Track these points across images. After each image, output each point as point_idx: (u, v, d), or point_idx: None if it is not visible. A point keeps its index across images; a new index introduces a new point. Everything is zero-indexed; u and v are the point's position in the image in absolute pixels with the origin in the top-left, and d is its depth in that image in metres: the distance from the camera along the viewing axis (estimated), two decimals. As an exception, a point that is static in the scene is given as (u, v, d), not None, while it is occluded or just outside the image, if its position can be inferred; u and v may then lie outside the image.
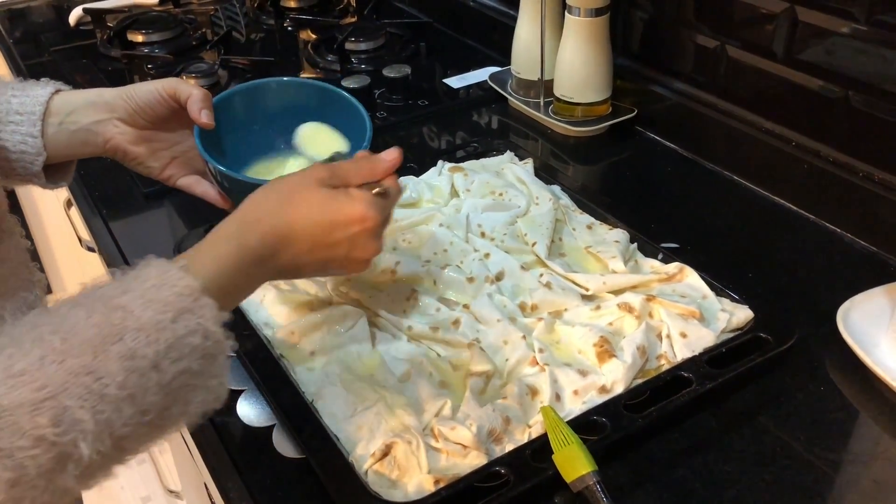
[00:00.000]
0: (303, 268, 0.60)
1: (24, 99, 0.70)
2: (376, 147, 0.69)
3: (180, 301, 0.50)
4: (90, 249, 1.25)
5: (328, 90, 0.78)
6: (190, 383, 0.50)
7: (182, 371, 0.49)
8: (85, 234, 1.17)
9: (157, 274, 0.51)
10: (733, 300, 0.78)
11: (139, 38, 1.47)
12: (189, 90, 0.72)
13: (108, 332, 0.47)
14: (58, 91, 0.72)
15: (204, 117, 0.71)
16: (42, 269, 0.70)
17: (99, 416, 0.45)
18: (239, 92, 0.78)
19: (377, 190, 0.61)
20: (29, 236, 0.71)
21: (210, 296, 0.51)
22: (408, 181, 0.97)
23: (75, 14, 1.58)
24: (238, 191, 0.71)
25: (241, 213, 0.58)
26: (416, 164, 1.02)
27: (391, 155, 0.63)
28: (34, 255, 0.70)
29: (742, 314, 0.75)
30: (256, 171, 0.77)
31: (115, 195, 1.05)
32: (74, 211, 1.16)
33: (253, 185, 0.69)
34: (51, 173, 0.74)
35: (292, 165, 0.78)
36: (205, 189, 0.76)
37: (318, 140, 0.78)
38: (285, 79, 0.81)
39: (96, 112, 0.72)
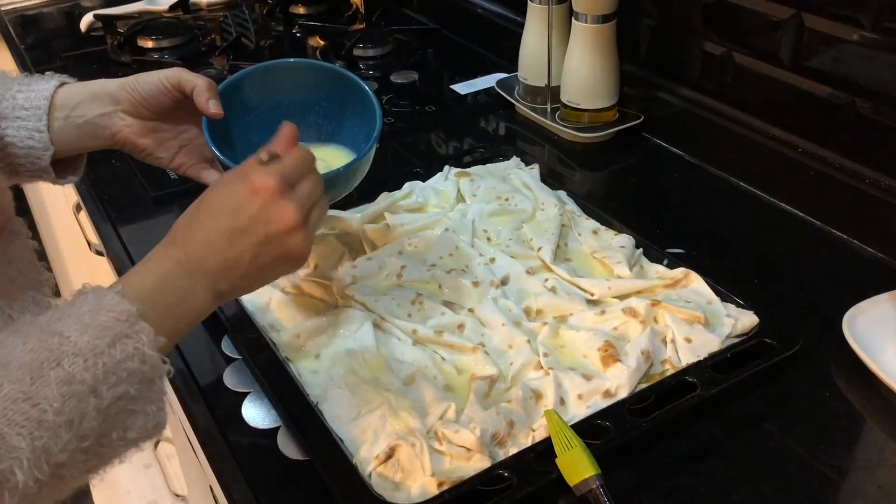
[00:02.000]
0: (235, 265, 0.57)
1: (30, 94, 0.71)
2: (387, 151, 0.70)
3: (117, 326, 0.49)
4: (99, 253, 1.26)
5: (339, 73, 0.77)
6: (128, 408, 0.50)
7: (120, 396, 0.49)
8: (94, 238, 1.17)
9: (92, 300, 0.50)
10: (738, 306, 0.78)
11: (149, 44, 1.48)
12: (194, 80, 0.72)
13: (46, 358, 0.47)
14: (62, 84, 0.73)
15: (212, 107, 0.71)
16: (50, 270, 0.71)
17: (36, 443, 0.44)
18: (246, 76, 0.76)
19: (261, 156, 0.59)
20: (38, 239, 0.72)
21: (146, 320, 0.51)
22: (414, 186, 0.97)
23: (86, 20, 1.60)
24: None
25: (168, 235, 0.58)
26: (422, 169, 1.02)
27: (285, 129, 0.62)
28: (42, 257, 0.70)
29: (747, 320, 0.75)
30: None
31: (124, 199, 1.05)
32: (83, 215, 1.17)
33: None
34: (60, 168, 0.74)
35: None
36: (213, 178, 0.76)
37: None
38: (293, 60, 0.79)
39: (101, 105, 0.72)
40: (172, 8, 1.65)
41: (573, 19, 1.09)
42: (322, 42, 1.50)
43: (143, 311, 0.51)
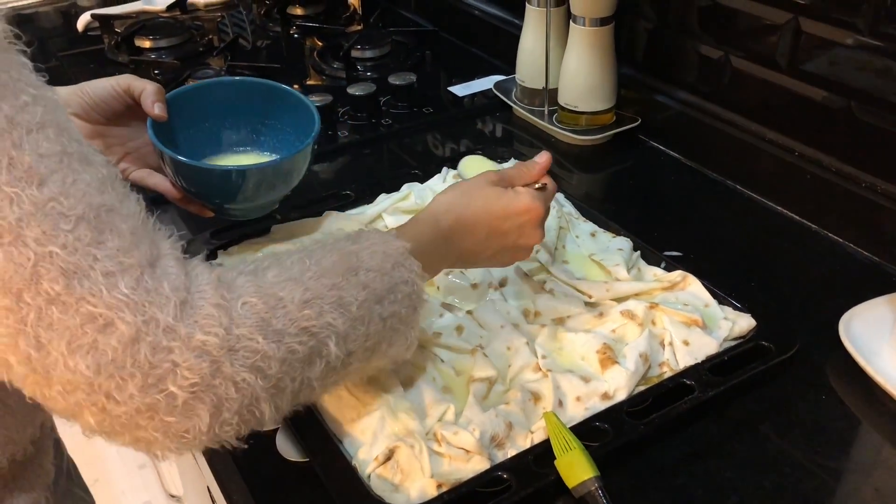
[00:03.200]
0: (479, 253, 0.69)
1: None
2: (385, 153, 0.72)
3: (396, 255, 0.60)
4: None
5: (276, 87, 0.84)
6: (397, 326, 0.59)
7: (395, 313, 0.59)
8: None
9: (376, 235, 0.61)
10: (735, 308, 0.78)
11: (146, 44, 1.48)
12: (143, 85, 0.76)
13: (348, 266, 0.56)
14: (54, 97, 0.73)
15: (157, 109, 0.75)
16: None
17: (344, 325, 0.54)
18: (191, 89, 0.82)
19: (538, 185, 0.72)
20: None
21: (416, 258, 0.61)
22: (412, 188, 0.98)
23: (83, 19, 1.60)
24: (189, 178, 0.77)
25: (434, 206, 0.68)
26: (420, 170, 1.02)
27: (543, 158, 0.73)
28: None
29: (744, 322, 0.76)
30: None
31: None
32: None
33: (203, 171, 0.76)
34: None
35: (244, 161, 0.83)
36: (157, 181, 0.79)
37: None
38: (235, 78, 0.88)
39: None
40: (170, 8, 1.65)
41: (571, 22, 1.09)
42: (319, 43, 1.50)
43: (414, 253, 0.61)
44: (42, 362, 0.43)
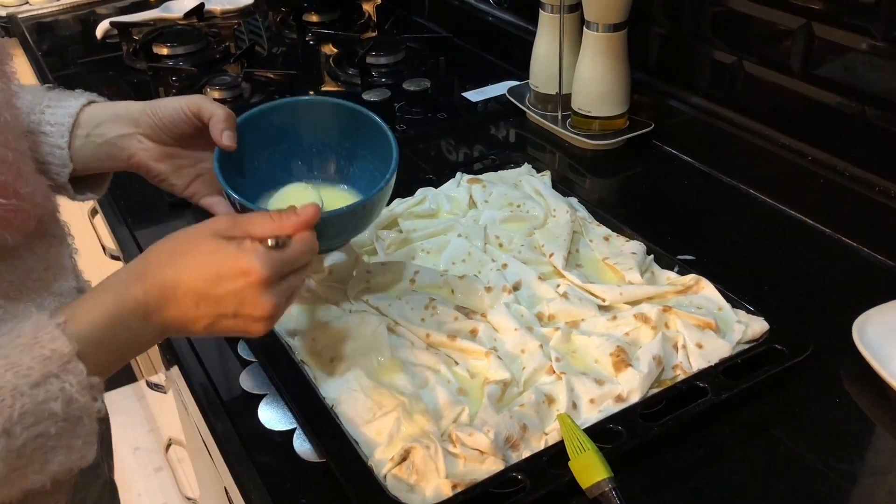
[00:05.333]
0: (191, 323, 0.56)
1: (57, 110, 0.71)
2: (399, 158, 0.70)
3: (46, 365, 0.49)
4: (114, 258, 1.28)
5: (358, 112, 0.75)
6: (47, 445, 0.50)
7: (37, 435, 0.49)
8: (109, 243, 1.19)
9: (30, 332, 0.50)
10: (749, 312, 0.78)
11: (164, 51, 1.50)
12: (213, 109, 0.70)
13: None
14: (90, 103, 0.73)
15: (225, 139, 0.69)
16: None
17: None
18: (267, 111, 0.74)
19: (271, 242, 0.57)
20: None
21: (83, 357, 0.50)
22: (427, 192, 0.99)
23: (102, 27, 1.62)
24: None
25: (132, 264, 0.57)
26: (434, 175, 1.03)
27: (305, 210, 0.59)
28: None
29: (758, 326, 0.76)
30: (284, 195, 0.74)
31: (140, 204, 1.07)
32: (99, 219, 1.18)
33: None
34: (81, 186, 0.74)
35: (315, 195, 0.75)
36: (222, 211, 0.74)
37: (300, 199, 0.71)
38: (315, 98, 0.80)
39: (122, 126, 0.72)
40: (187, 15, 1.67)
41: (584, 28, 1.10)
42: (335, 50, 1.52)
43: (82, 349, 0.50)
44: None
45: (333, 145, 0.77)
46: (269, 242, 0.57)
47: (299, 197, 0.73)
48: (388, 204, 0.96)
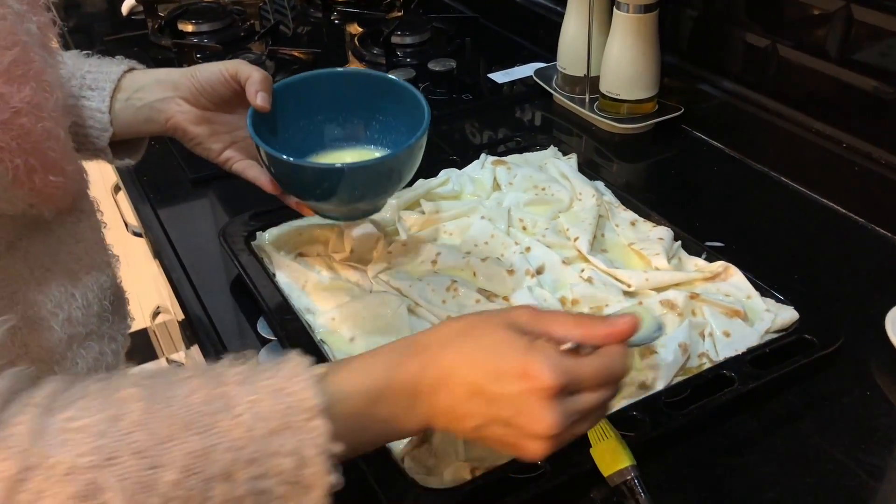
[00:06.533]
0: (459, 420, 0.49)
1: (98, 75, 0.72)
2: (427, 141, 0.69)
3: (286, 415, 0.44)
4: (136, 234, 1.28)
5: (386, 79, 0.76)
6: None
7: (260, 492, 0.43)
8: (132, 219, 1.19)
9: (284, 375, 0.45)
10: (778, 301, 0.76)
11: (189, 28, 1.49)
12: (250, 71, 0.72)
13: (193, 421, 0.42)
14: (131, 69, 0.74)
15: (259, 100, 0.70)
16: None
17: None
18: (299, 80, 0.75)
19: (567, 346, 0.49)
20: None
21: (331, 419, 0.45)
22: (450, 174, 0.97)
23: (127, 4, 1.62)
24: (284, 175, 0.71)
25: (416, 336, 0.52)
26: (458, 157, 1.02)
27: (621, 321, 0.50)
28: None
29: (787, 315, 0.74)
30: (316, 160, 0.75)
31: (162, 181, 1.07)
32: (122, 196, 1.18)
33: (297, 168, 0.69)
34: (120, 150, 0.76)
35: (347, 158, 0.76)
36: (256, 174, 0.75)
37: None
38: (344, 70, 0.80)
39: (162, 90, 0.73)
40: (212, -7, 1.66)
41: (615, 9, 1.08)
42: (360, 29, 1.50)
43: (333, 410, 0.45)
44: None
45: (368, 116, 0.77)
46: (565, 346, 0.49)
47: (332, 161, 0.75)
48: (412, 184, 0.95)
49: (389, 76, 0.76)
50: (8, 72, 0.50)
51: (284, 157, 0.67)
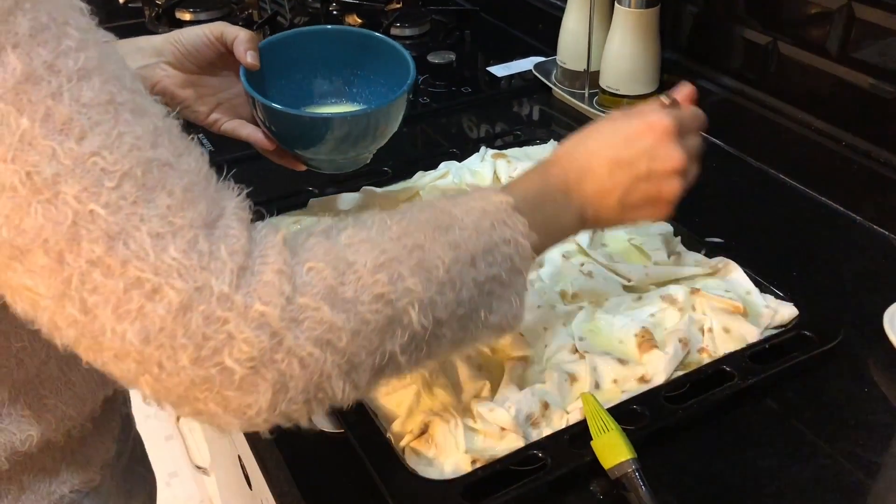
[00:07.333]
0: (608, 195, 0.59)
1: None
2: (422, 131, 0.70)
3: (498, 213, 0.53)
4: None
5: (371, 36, 0.81)
6: (497, 292, 0.53)
7: (493, 277, 0.52)
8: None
9: (479, 192, 0.55)
10: (777, 297, 0.77)
11: (187, 17, 1.48)
12: (236, 32, 0.74)
13: (437, 225, 0.51)
14: (106, 42, 0.73)
15: (249, 58, 0.73)
16: None
17: (427, 291, 0.48)
18: (284, 37, 0.79)
19: (662, 99, 0.62)
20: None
21: (522, 215, 0.54)
22: (450, 166, 0.97)
23: (125, -9, 1.61)
24: (283, 128, 0.74)
25: (549, 156, 0.61)
26: (457, 149, 1.02)
27: (685, 87, 0.66)
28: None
29: (786, 311, 0.75)
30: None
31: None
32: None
33: (295, 119, 0.73)
34: None
35: (336, 111, 0.80)
36: (249, 132, 0.77)
37: None
38: (329, 27, 0.83)
39: (144, 57, 0.73)
40: (210, -18, 1.65)
41: (616, 3, 1.08)
42: (359, 20, 1.50)
43: (520, 208, 0.54)
44: (89, 327, 0.41)
45: (353, 71, 0.82)
46: (665, 100, 0.62)
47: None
48: (411, 177, 0.95)
49: (371, 32, 0.81)
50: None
51: (284, 108, 0.72)
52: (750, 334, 0.72)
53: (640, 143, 0.59)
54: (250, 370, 0.42)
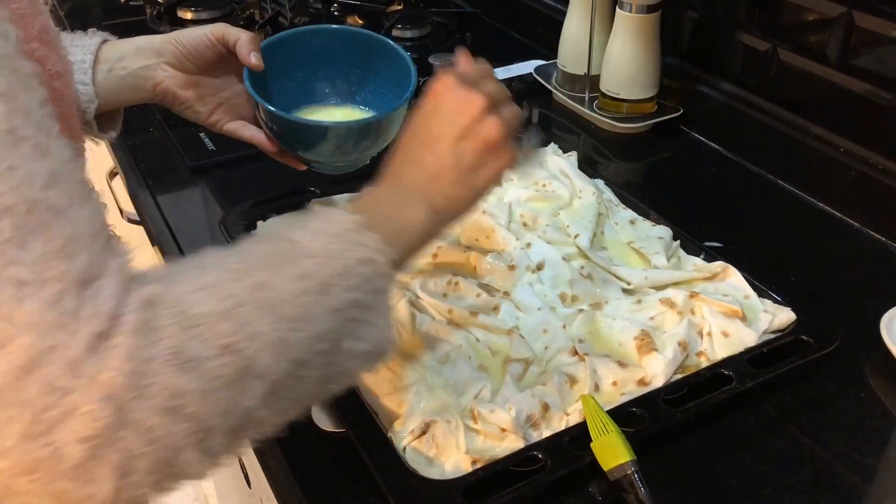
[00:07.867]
0: (441, 175, 0.57)
1: (73, 49, 0.72)
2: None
3: (347, 234, 0.50)
4: (132, 221, 1.27)
5: (374, 38, 0.80)
6: (359, 317, 0.49)
7: (352, 302, 0.48)
8: (127, 206, 1.18)
9: (324, 215, 0.52)
10: (776, 302, 0.77)
11: (188, 16, 1.48)
12: (237, 34, 0.73)
13: (282, 257, 0.47)
14: (105, 41, 0.74)
15: (253, 59, 0.72)
16: None
17: (277, 331, 0.44)
18: (285, 37, 0.78)
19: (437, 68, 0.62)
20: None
21: (374, 231, 0.51)
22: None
23: (126, -11, 1.60)
24: (286, 132, 0.75)
25: (385, 166, 0.60)
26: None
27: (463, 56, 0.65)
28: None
29: (784, 316, 0.75)
30: (308, 114, 0.79)
31: (160, 168, 1.06)
32: (117, 182, 1.18)
33: (301, 126, 0.73)
34: (101, 123, 0.76)
35: (338, 114, 0.80)
36: (252, 133, 0.77)
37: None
38: (331, 26, 0.83)
39: (145, 57, 0.73)
40: (212, -19, 1.65)
41: (617, 8, 1.08)
42: (360, 21, 1.50)
43: (369, 224, 0.51)
44: None
45: (355, 72, 0.81)
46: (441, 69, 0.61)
47: (323, 117, 0.79)
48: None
49: (374, 34, 0.80)
50: (39, 37, 0.50)
51: (288, 116, 0.72)
52: (748, 338, 0.73)
53: (433, 112, 0.59)
54: (90, 453, 0.37)
